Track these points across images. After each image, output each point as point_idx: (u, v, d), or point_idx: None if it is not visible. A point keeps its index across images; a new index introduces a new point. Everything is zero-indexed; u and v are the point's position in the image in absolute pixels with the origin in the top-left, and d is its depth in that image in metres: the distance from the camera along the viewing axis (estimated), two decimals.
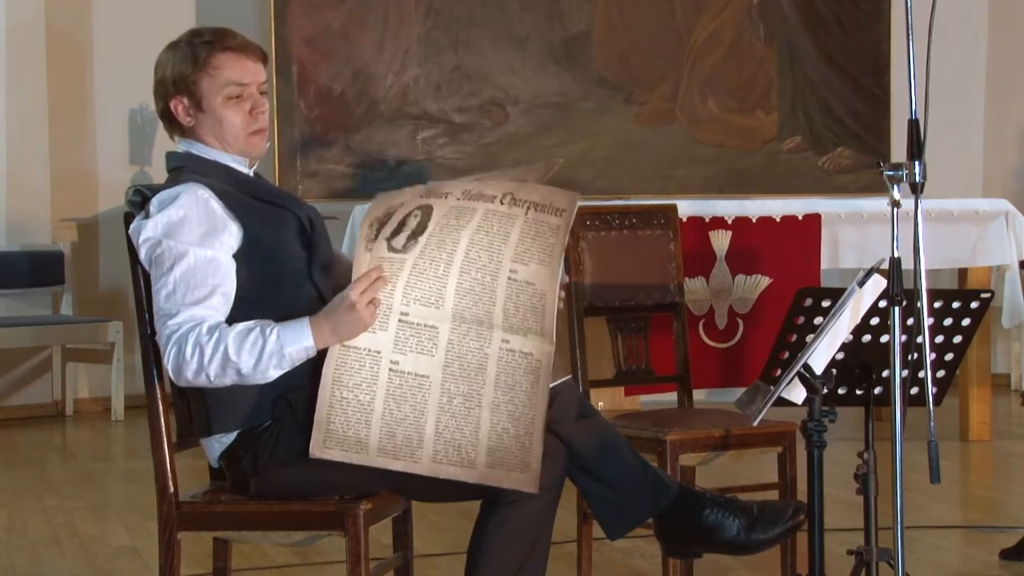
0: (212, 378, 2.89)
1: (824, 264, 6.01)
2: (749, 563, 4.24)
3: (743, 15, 8.81)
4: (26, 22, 8.05)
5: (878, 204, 6.14)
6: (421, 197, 2.78)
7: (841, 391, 3.19)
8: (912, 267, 2.95)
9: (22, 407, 8.07)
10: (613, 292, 4.16)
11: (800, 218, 5.92)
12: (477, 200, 2.84)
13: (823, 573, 3.15)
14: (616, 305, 4.17)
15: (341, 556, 3.08)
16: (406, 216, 2.79)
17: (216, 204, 2.99)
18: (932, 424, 2.93)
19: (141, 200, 3.03)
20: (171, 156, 3.14)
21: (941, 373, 3.25)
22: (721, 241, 5.68)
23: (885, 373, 3.11)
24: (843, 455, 4.46)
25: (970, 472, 6.26)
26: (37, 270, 8.03)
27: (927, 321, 2.96)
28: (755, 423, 3.12)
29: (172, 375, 2.93)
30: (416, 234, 2.81)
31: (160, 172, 3.18)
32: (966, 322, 3.21)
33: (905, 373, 2.95)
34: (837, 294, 3.08)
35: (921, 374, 3.00)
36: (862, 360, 3.15)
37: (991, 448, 6.62)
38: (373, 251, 2.81)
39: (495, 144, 8.42)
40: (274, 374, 2.89)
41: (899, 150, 8.60)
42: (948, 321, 3.20)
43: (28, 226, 8.11)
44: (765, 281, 5.71)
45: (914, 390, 3.04)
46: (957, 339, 3.23)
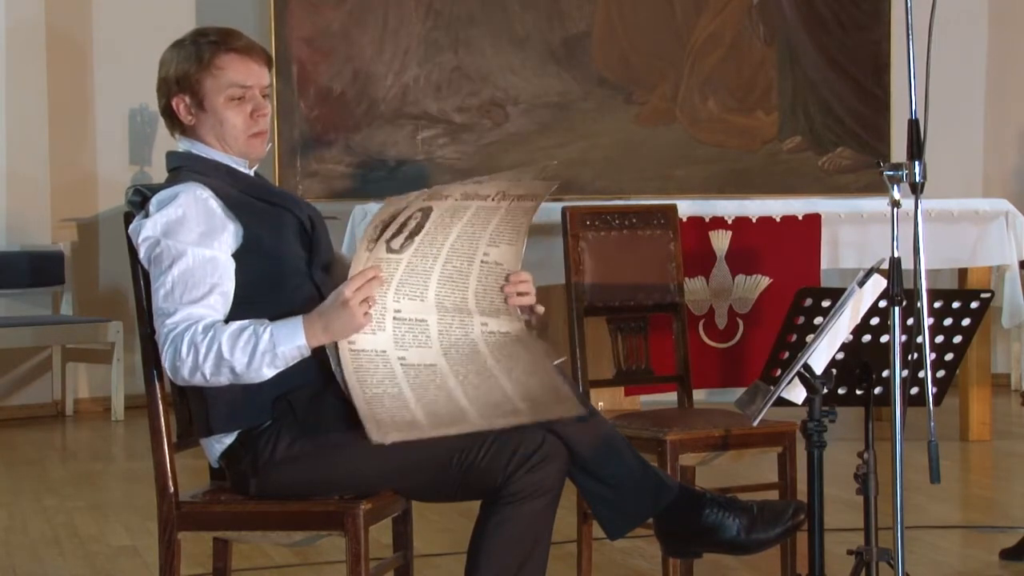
0: (207, 377, 2.89)
1: (824, 264, 6.00)
2: (749, 563, 4.24)
3: (743, 15, 8.80)
4: (26, 22, 8.05)
5: (878, 204, 6.13)
6: (424, 200, 2.80)
7: (841, 391, 3.19)
8: (912, 267, 2.95)
9: (22, 407, 8.07)
10: (613, 292, 4.16)
11: (800, 218, 5.92)
12: (472, 199, 2.87)
13: (823, 573, 3.15)
14: (616, 305, 4.17)
15: (341, 556, 3.08)
16: (407, 219, 2.81)
17: (215, 204, 2.99)
18: (932, 424, 2.93)
19: (141, 200, 3.04)
20: (171, 156, 3.14)
21: (941, 373, 3.25)
22: (721, 241, 5.68)
23: (885, 373, 3.11)
24: (843, 455, 4.45)
25: (970, 472, 6.25)
26: (37, 270, 8.02)
27: (927, 321, 2.96)
28: (755, 423, 3.12)
29: (169, 374, 2.94)
30: (413, 234, 2.83)
31: (160, 172, 3.18)
32: (966, 322, 3.21)
33: (905, 373, 2.95)
34: (837, 294, 3.07)
35: (921, 374, 3.00)
36: (862, 360, 3.15)
37: (991, 448, 6.62)
38: (373, 252, 2.82)
39: (495, 144, 8.41)
40: (268, 373, 2.89)
41: (899, 150, 8.59)
42: (948, 321, 3.19)
43: (28, 226, 8.10)
44: (765, 281, 5.71)
45: (914, 390, 3.04)
46: (957, 339, 3.22)
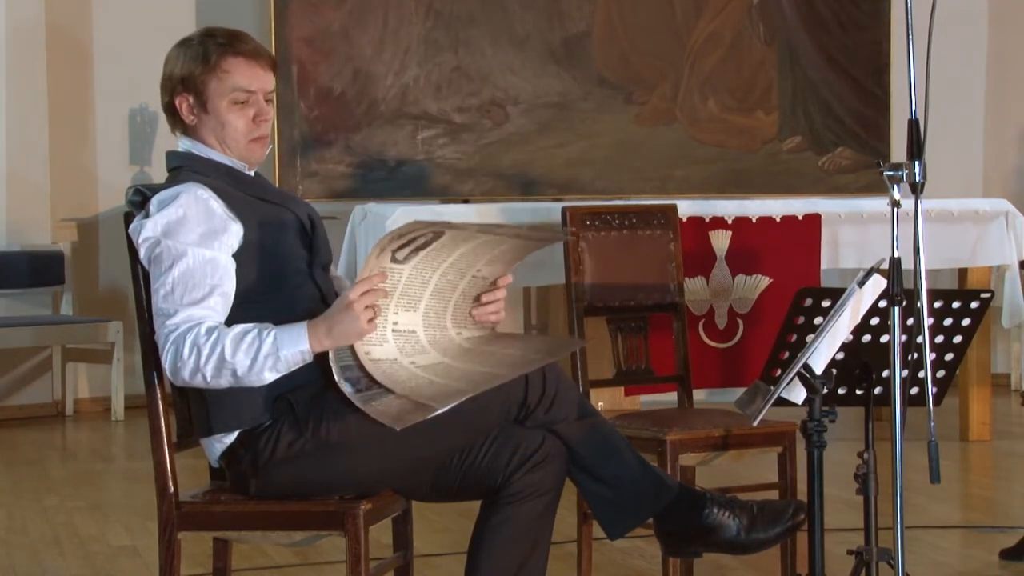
0: (208, 379, 2.89)
1: (824, 264, 6.00)
2: (749, 563, 4.24)
3: (743, 15, 8.80)
4: (26, 22, 8.05)
5: (878, 204, 6.13)
6: (444, 227, 2.82)
7: (841, 391, 3.19)
8: (912, 267, 2.95)
9: (22, 407, 8.07)
10: (613, 292, 4.16)
11: (800, 218, 5.92)
12: (487, 233, 2.90)
13: (823, 573, 3.15)
14: (616, 305, 4.17)
15: (341, 556, 3.08)
16: (418, 235, 2.82)
17: (216, 204, 2.99)
18: (932, 424, 2.93)
19: (141, 200, 3.04)
20: (171, 155, 3.14)
21: (941, 373, 3.25)
22: (721, 241, 5.68)
23: (885, 373, 3.11)
24: (843, 455, 4.46)
25: (970, 472, 6.25)
26: (37, 270, 8.02)
27: (927, 321, 2.96)
28: (755, 423, 3.12)
29: (169, 374, 2.94)
30: (419, 249, 2.83)
31: (160, 172, 3.18)
32: (966, 322, 3.21)
33: (905, 373, 2.95)
34: (837, 294, 3.07)
35: (921, 374, 3.00)
36: (862, 360, 3.15)
37: (991, 448, 6.62)
38: (380, 260, 2.83)
39: (495, 144, 8.41)
40: (270, 377, 2.89)
41: (899, 150, 8.59)
42: (948, 321, 3.19)
43: (28, 226, 8.10)
44: (765, 281, 5.71)
45: (914, 390, 3.04)
46: (957, 339, 3.22)
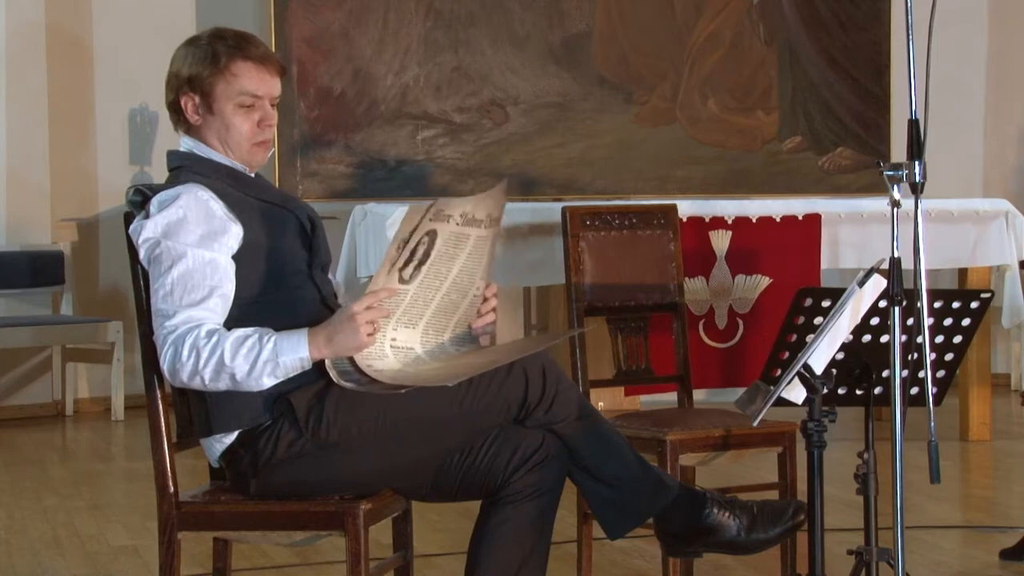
0: (206, 381, 2.88)
1: (824, 264, 6.00)
2: (749, 563, 4.24)
3: (743, 15, 8.80)
4: (26, 22, 8.05)
5: (878, 204, 6.13)
6: (431, 220, 2.81)
7: (841, 391, 3.19)
8: (912, 267, 2.95)
9: (22, 407, 8.07)
10: (613, 292, 4.16)
11: (800, 218, 5.92)
12: (470, 226, 2.88)
13: (823, 573, 3.15)
14: (616, 305, 4.17)
15: (341, 556, 3.08)
16: (417, 243, 2.81)
17: (216, 205, 2.99)
18: (932, 424, 2.93)
19: (141, 200, 3.03)
20: (172, 155, 3.13)
21: (941, 373, 3.24)
22: (721, 241, 5.68)
23: (885, 373, 3.11)
24: (843, 455, 4.46)
25: (970, 472, 6.25)
26: (37, 270, 8.02)
27: (927, 321, 2.96)
28: (755, 423, 3.12)
29: (167, 376, 2.93)
30: (421, 263, 2.83)
31: (160, 172, 3.19)
32: (966, 322, 3.21)
33: (905, 373, 2.95)
34: (837, 294, 3.07)
35: (921, 374, 3.00)
36: (862, 360, 3.15)
37: (991, 448, 6.61)
38: (388, 279, 2.82)
39: (495, 144, 8.41)
40: (268, 382, 2.88)
41: (899, 150, 8.59)
42: (948, 321, 3.19)
43: (28, 226, 8.10)
44: (765, 281, 5.71)
45: (914, 390, 3.04)
46: (957, 339, 3.22)
